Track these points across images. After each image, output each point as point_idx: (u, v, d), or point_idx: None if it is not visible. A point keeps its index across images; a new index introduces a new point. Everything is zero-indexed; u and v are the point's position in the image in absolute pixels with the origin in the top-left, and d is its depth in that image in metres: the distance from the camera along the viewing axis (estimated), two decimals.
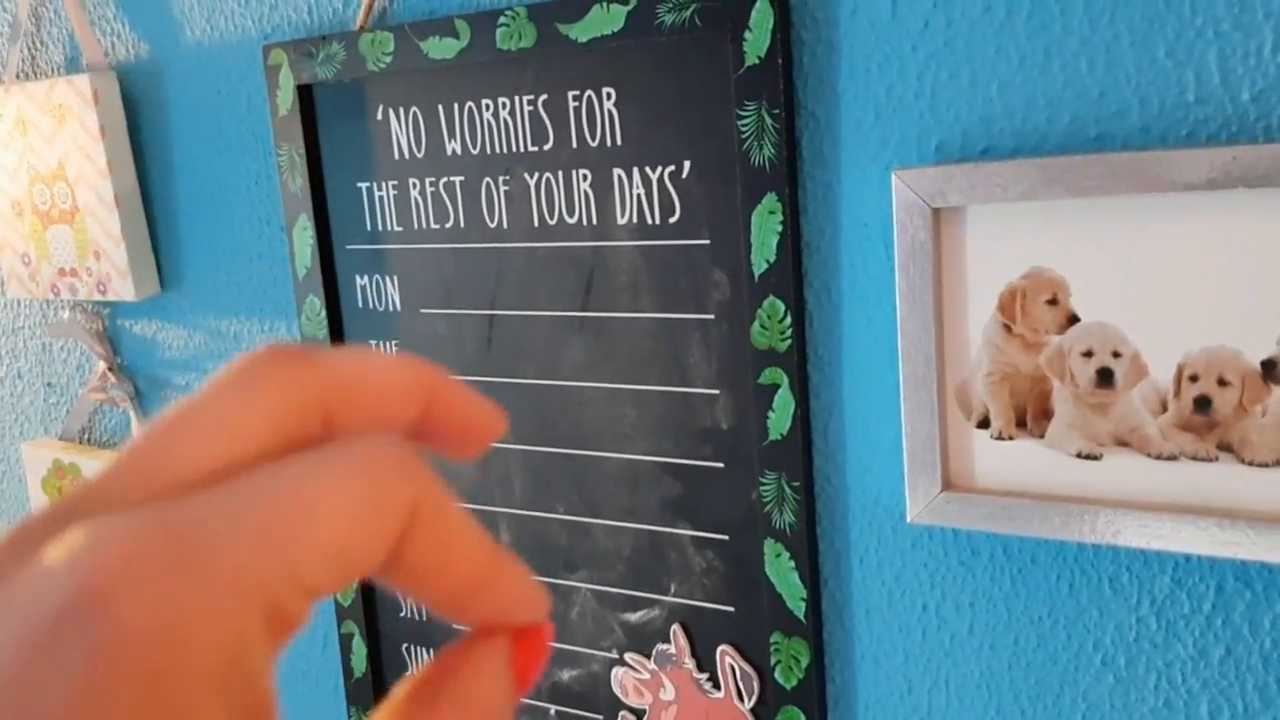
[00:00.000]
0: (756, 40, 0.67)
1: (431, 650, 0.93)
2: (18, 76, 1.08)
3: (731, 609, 0.78)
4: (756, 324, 0.72)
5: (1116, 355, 0.61)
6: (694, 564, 0.79)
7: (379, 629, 0.96)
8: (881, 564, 0.72)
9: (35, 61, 1.07)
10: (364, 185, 0.87)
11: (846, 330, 0.70)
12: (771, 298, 0.71)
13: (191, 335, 1.03)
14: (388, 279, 0.88)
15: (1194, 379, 0.59)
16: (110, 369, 1.09)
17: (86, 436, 1.14)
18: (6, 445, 1.23)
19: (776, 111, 0.67)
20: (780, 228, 0.69)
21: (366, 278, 0.89)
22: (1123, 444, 0.61)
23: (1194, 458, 0.60)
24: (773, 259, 0.70)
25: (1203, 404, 0.59)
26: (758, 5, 0.66)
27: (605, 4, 0.71)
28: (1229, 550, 0.58)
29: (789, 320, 0.71)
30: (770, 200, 0.69)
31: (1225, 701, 0.63)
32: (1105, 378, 0.61)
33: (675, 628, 0.80)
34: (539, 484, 0.85)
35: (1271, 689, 0.62)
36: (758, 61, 0.67)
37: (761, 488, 0.74)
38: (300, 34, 0.89)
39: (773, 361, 0.72)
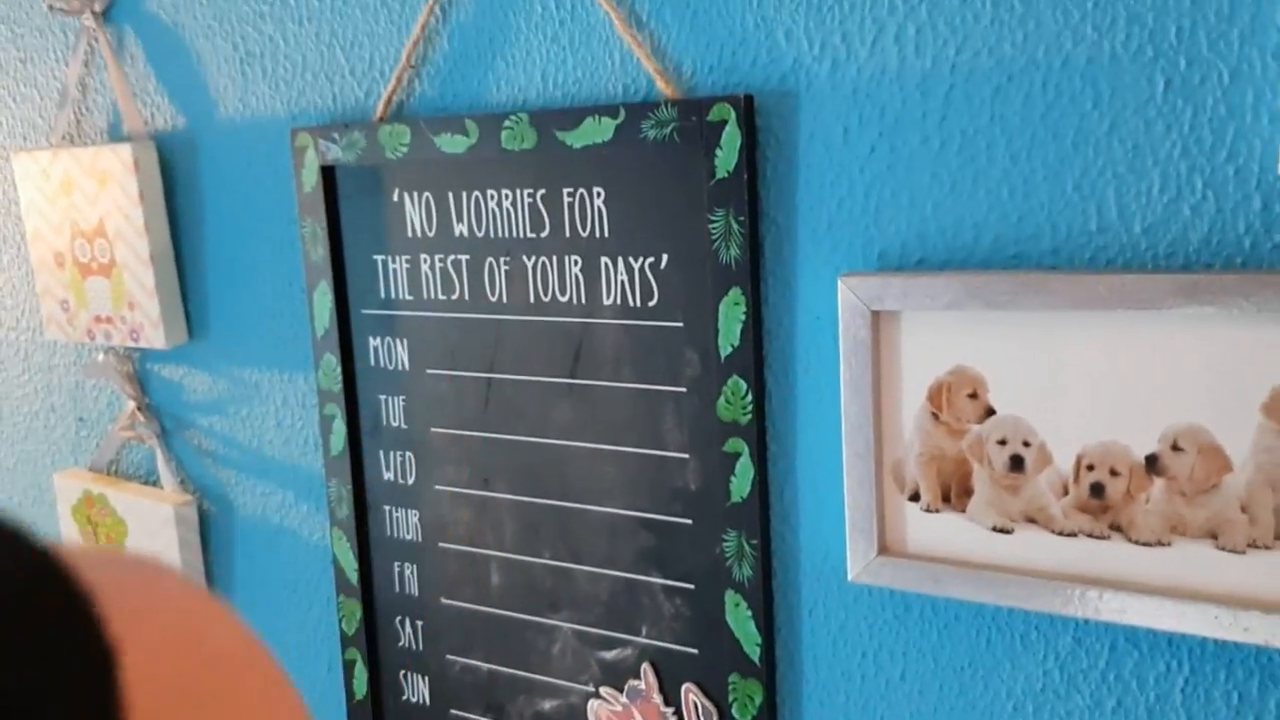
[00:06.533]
0: (726, 156, 0.77)
1: (426, 677, 1.02)
2: (65, 139, 1.18)
3: (695, 651, 0.87)
4: (722, 399, 0.81)
5: (1026, 444, 0.70)
6: (664, 609, 0.88)
7: (379, 656, 1.05)
8: (827, 616, 0.81)
9: (81, 126, 1.18)
10: (379, 257, 0.97)
11: (800, 408, 0.80)
12: (735, 377, 0.80)
13: (215, 382, 1.13)
14: (398, 341, 0.98)
15: (1090, 468, 0.68)
16: (139, 408, 1.18)
17: (114, 469, 1.23)
18: (39, 474, 1.32)
19: (742, 219, 0.77)
20: (743, 317, 0.79)
21: (379, 339, 0.99)
22: (1031, 521, 0.71)
23: (1090, 535, 0.69)
24: (737, 343, 0.80)
25: (1097, 490, 0.68)
26: (728, 128, 0.76)
27: (597, 117, 0.81)
28: (1118, 616, 0.68)
29: (750, 397, 0.80)
30: (735, 293, 0.79)
31: None
32: (1016, 464, 0.71)
33: (645, 666, 0.89)
34: (528, 531, 0.94)
35: None
36: (727, 175, 0.77)
37: (724, 544, 0.83)
38: (324, 119, 0.99)
39: (736, 432, 0.81)
